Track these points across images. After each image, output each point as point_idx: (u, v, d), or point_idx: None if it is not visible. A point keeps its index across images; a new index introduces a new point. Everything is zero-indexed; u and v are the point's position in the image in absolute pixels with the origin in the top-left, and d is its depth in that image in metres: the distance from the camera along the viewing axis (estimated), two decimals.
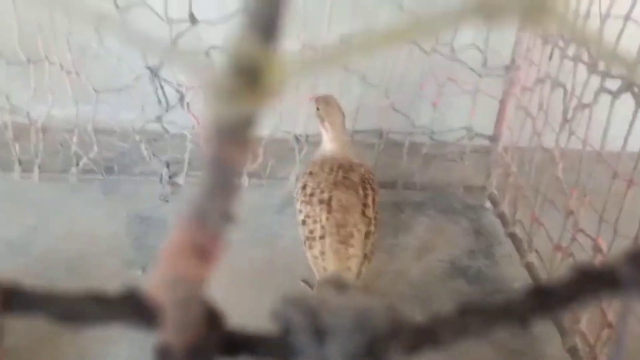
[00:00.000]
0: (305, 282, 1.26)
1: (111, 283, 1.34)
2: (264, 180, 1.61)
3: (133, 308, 0.14)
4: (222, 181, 0.12)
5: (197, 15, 1.35)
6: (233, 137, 0.12)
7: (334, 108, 1.25)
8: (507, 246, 1.44)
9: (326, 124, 1.24)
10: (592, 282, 0.13)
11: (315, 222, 1.09)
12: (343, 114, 1.26)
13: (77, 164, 1.53)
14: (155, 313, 0.13)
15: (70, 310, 0.14)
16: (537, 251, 1.30)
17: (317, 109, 1.25)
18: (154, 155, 1.52)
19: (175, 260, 0.13)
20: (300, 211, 1.14)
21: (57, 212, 1.46)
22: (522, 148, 1.41)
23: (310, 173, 1.19)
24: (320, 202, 1.11)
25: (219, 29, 1.35)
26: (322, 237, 1.07)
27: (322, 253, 1.05)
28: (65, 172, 1.54)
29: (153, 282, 0.14)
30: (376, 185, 1.20)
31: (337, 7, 1.39)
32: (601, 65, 1.04)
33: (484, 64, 1.46)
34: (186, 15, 1.34)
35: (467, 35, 1.44)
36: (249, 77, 0.11)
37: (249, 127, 0.12)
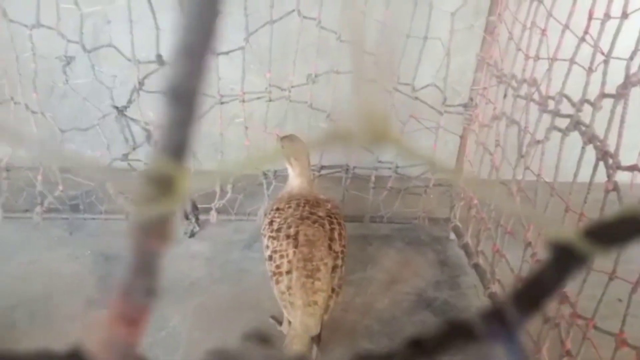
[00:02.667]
0: (274, 318, 1.26)
1: (74, 324, 1.30)
2: (232, 216, 1.62)
3: None
4: (145, 264, 0.15)
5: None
6: (152, 231, 0.14)
7: (299, 145, 1.27)
8: (472, 277, 1.47)
9: (292, 160, 1.26)
10: (456, 333, 0.16)
11: (282, 257, 1.10)
12: (308, 151, 1.29)
13: (42, 203, 1.52)
14: None
15: None
16: (499, 281, 1.33)
17: (282, 147, 1.28)
18: (120, 193, 1.52)
19: (111, 326, 0.15)
20: (267, 247, 1.14)
21: (20, 251, 1.44)
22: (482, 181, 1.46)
23: (277, 209, 1.20)
24: (287, 237, 1.12)
25: None
26: (289, 272, 1.07)
27: (289, 288, 1.06)
28: (30, 211, 1.52)
29: (96, 343, 0.16)
30: (342, 220, 1.22)
31: (302, 48, 1.44)
32: (551, 105, 1.10)
33: (444, 102, 1.53)
34: (153, 57, 1.36)
35: (427, 76, 1.50)
36: (163, 186, 0.13)
37: (164, 223, 0.14)
